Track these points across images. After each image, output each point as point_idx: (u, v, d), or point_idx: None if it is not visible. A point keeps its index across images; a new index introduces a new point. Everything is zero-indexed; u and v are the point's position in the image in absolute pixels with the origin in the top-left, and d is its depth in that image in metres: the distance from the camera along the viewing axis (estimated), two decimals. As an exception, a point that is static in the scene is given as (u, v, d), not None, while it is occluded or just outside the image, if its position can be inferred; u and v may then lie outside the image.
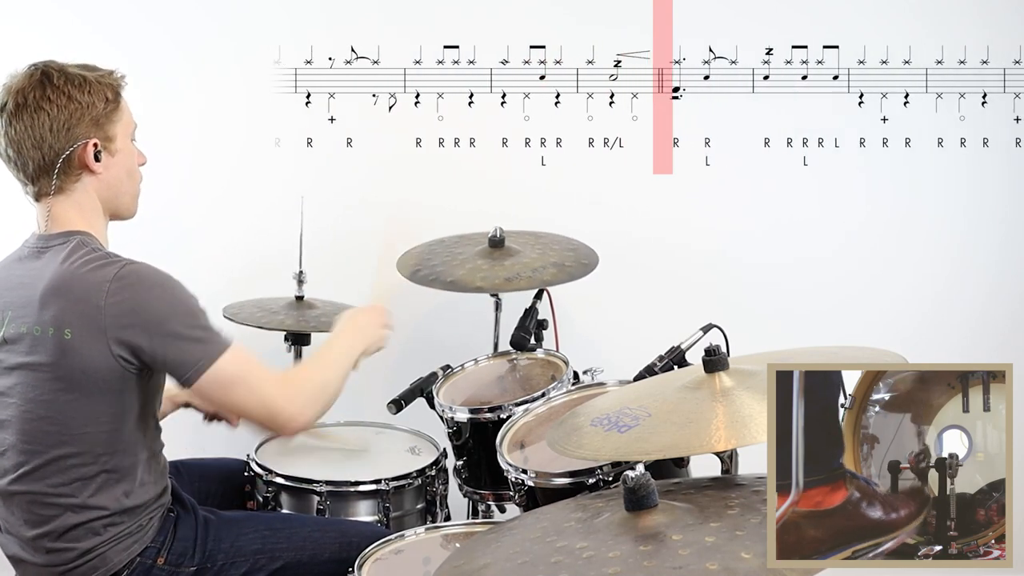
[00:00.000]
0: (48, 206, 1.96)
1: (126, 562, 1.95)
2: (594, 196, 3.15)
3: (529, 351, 2.59)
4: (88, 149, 1.94)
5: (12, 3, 3.07)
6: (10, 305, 1.93)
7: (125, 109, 2.01)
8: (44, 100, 1.91)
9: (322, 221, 2.89)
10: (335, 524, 2.20)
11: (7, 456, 1.93)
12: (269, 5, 3.12)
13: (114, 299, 1.85)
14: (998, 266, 3.21)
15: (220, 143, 3.12)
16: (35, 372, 1.89)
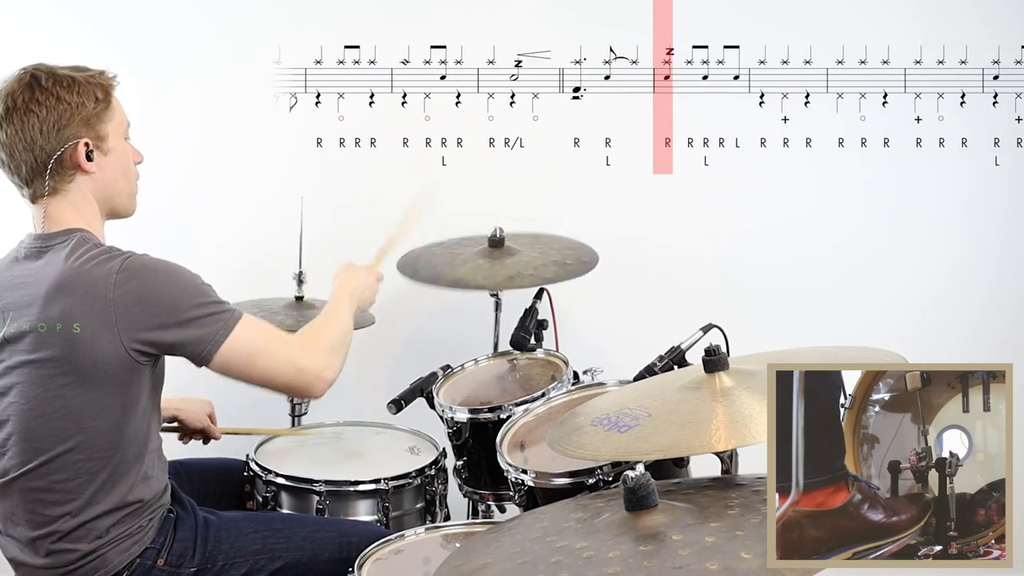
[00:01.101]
0: (44, 207, 1.97)
1: (126, 563, 1.95)
2: (594, 196, 3.15)
3: (529, 351, 2.59)
4: (79, 149, 1.95)
5: (12, 3, 3.07)
6: (11, 306, 1.93)
7: (117, 108, 2.01)
8: (33, 102, 1.92)
9: (322, 221, 2.88)
10: (335, 524, 2.21)
11: (9, 455, 1.93)
12: (270, 5, 3.11)
13: (121, 290, 1.87)
14: (998, 266, 3.21)
15: (219, 143, 3.12)
16: (40, 369, 1.89)
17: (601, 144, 3.14)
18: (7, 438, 1.93)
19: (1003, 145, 3.16)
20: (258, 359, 1.96)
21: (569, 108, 3.12)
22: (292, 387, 2.04)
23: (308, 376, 2.01)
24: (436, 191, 2.50)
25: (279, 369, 1.99)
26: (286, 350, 2.00)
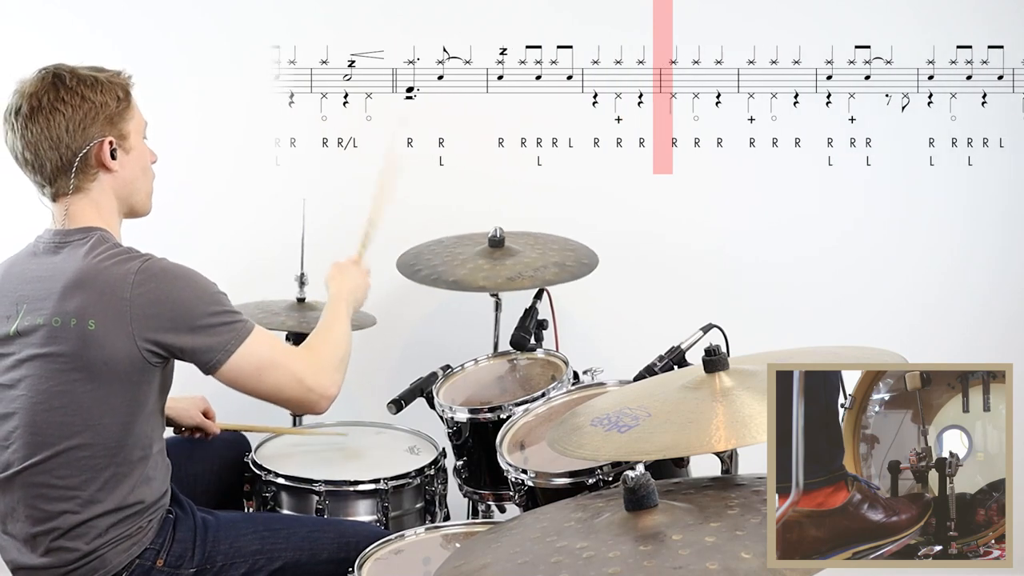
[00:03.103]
0: (66, 205, 1.99)
1: (125, 564, 1.94)
2: (594, 196, 3.15)
3: (529, 351, 2.59)
4: (104, 147, 1.98)
5: (12, 3, 3.07)
6: (25, 298, 1.95)
7: (136, 108, 2.05)
8: (59, 101, 1.94)
9: (324, 222, 2.88)
10: (334, 524, 2.21)
11: (13, 448, 1.93)
12: (271, 5, 3.11)
13: (139, 291, 1.89)
14: (998, 266, 3.20)
15: (221, 144, 3.12)
16: (51, 363, 1.90)
17: (601, 144, 3.14)
18: (12, 431, 1.94)
19: (1005, 145, 3.15)
20: (266, 373, 1.98)
21: (569, 108, 3.12)
22: (298, 403, 2.06)
23: (314, 394, 2.03)
24: (398, 153, 2.46)
25: (287, 385, 2.01)
26: (295, 366, 2.02)
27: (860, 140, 3.14)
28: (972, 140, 3.15)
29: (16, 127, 1.95)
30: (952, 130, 3.15)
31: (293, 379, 2.01)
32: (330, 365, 2.07)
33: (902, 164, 3.16)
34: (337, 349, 2.11)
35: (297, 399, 2.03)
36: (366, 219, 2.43)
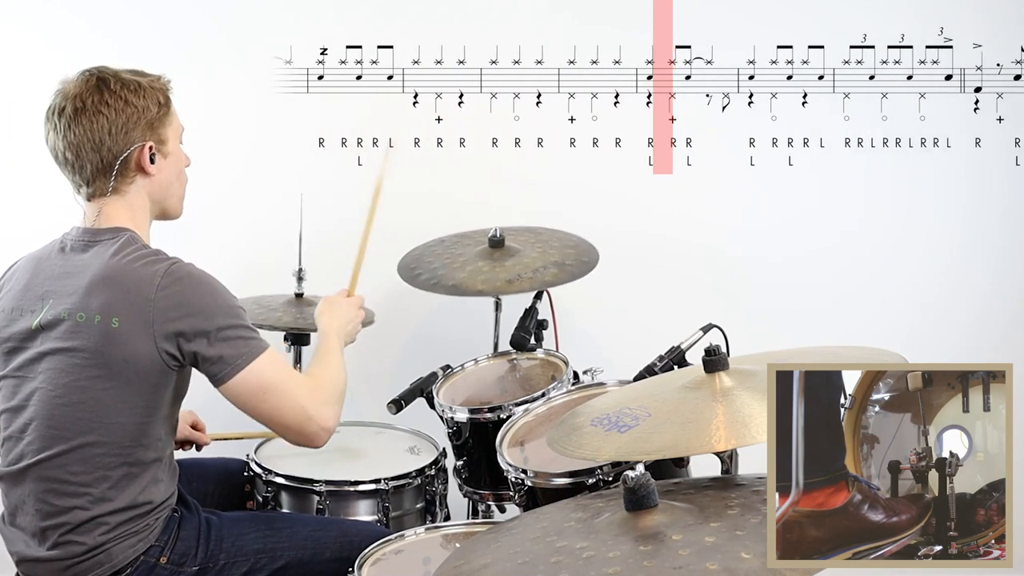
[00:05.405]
0: (100, 205, 2.02)
1: (130, 560, 1.95)
2: (594, 196, 3.15)
3: (529, 351, 2.59)
4: (145, 151, 2.01)
5: (12, 3, 3.07)
6: (51, 293, 1.96)
7: (174, 113, 2.08)
8: (103, 104, 1.97)
9: (322, 218, 2.88)
10: (336, 523, 2.21)
11: (28, 440, 1.94)
12: (270, 5, 3.11)
13: (164, 293, 1.91)
14: (998, 266, 3.21)
15: (220, 142, 3.11)
16: (71, 357, 1.91)
17: (601, 144, 3.14)
18: (28, 423, 1.95)
19: (1005, 145, 3.15)
20: (270, 396, 1.97)
21: (569, 108, 3.12)
22: (297, 431, 2.02)
23: (314, 424, 2.01)
24: (383, 185, 2.45)
25: (288, 411, 1.99)
26: (299, 393, 2.00)
27: (860, 140, 3.14)
28: (972, 140, 3.15)
29: (59, 127, 1.98)
30: (952, 130, 3.15)
31: (296, 406, 1.99)
32: (331, 399, 2.06)
33: (900, 164, 3.16)
34: (337, 383, 2.11)
35: (296, 427, 2.01)
36: (356, 253, 2.42)
